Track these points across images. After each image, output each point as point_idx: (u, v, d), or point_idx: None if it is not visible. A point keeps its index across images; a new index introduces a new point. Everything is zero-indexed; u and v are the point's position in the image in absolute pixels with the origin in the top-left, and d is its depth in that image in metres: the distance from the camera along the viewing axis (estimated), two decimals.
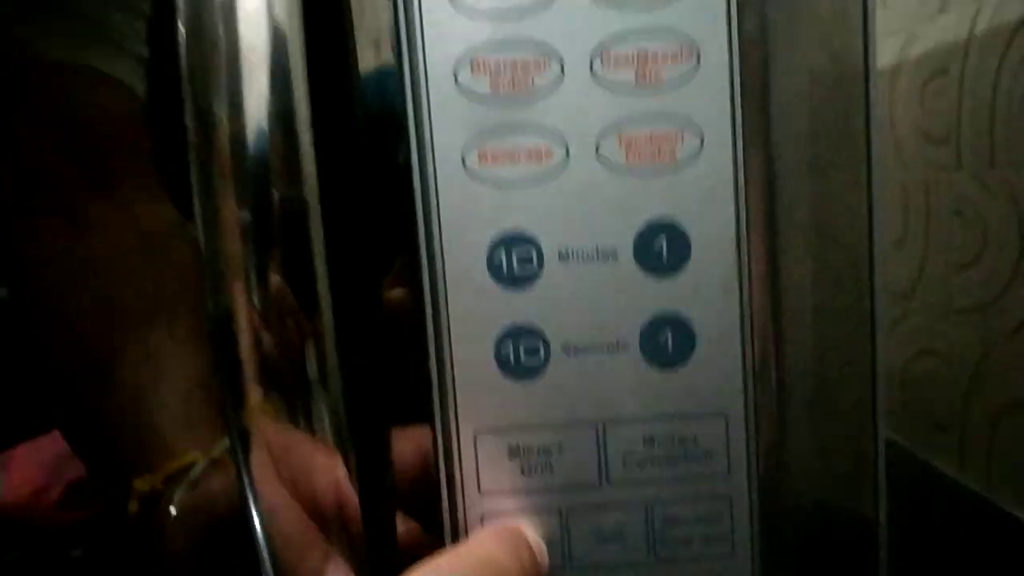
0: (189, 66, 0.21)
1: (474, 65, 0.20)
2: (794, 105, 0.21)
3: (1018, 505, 0.43)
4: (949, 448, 0.51)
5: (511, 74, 0.20)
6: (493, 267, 0.21)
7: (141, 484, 0.36)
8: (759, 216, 0.21)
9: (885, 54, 0.56)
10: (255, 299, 0.21)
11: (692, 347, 0.21)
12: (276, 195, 0.20)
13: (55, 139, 0.51)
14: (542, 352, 0.21)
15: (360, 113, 0.21)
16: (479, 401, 0.21)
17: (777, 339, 0.22)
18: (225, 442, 0.38)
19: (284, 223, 0.20)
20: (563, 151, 0.21)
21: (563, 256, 0.21)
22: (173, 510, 0.34)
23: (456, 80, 0.20)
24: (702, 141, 0.21)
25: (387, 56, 0.20)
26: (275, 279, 0.20)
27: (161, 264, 0.50)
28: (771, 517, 0.22)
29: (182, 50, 0.21)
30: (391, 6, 0.20)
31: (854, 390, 0.22)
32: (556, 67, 0.20)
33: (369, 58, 0.21)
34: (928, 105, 0.50)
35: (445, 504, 0.21)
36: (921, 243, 0.53)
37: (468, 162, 0.21)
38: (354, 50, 0.21)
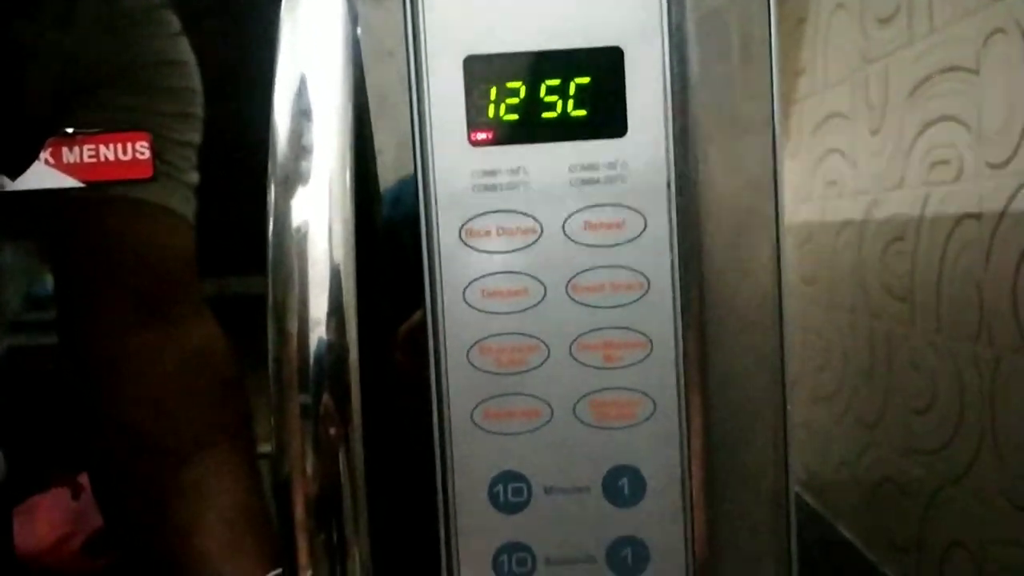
0: (274, 290, 0.27)
1: (482, 349, 0.27)
2: (728, 379, 0.27)
3: None
4: (908, 569, 0.56)
5: (510, 355, 0.27)
6: (493, 497, 0.27)
7: None
8: (699, 462, 0.27)
9: (856, 208, 0.63)
10: (308, 467, 0.26)
11: (647, 562, 0.28)
12: (329, 386, 0.26)
13: (113, 270, 0.58)
14: (530, 564, 0.27)
15: (394, 378, 0.28)
16: None
17: (714, 553, 0.28)
18: (271, 574, 0.44)
19: (336, 411, 0.26)
20: (548, 412, 0.27)
21: (548, 491, 0.27)
22: None
23: (468, 358, 0.27)
24: (655, 406, 0.27)
25: (420, 340, 0.27)
26: (324, 452, 0.26)
27: (211, 383, 0.56)
28: None
29: (270, 276, 0.28)
30: (426, 305, 0.27)
31: None
32: (544, 350, 0.27)
33: (406, 339, 0.28)
34: (890, 265, 0.57)
35: None
36: (884, 382, 0.59)
37: (476, 418, 0.27)
38: (391, 327, 0.27)
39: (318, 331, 0.27)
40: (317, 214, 0.28)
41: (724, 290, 0.27)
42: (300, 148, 0.27)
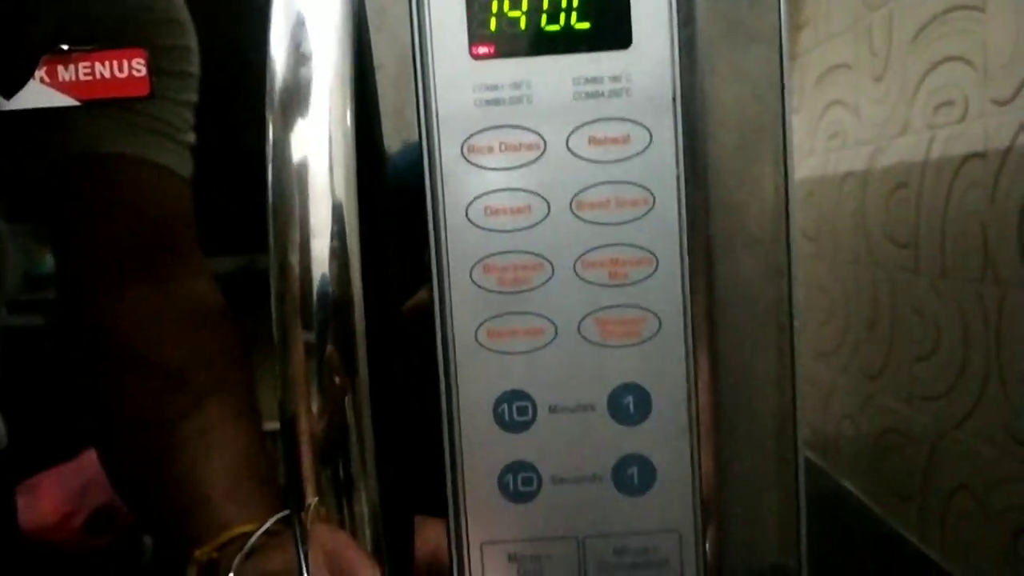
0: (274, 229, 0.27)
1: (486, 267, 0.27)
2: (733, 295, 0.27)
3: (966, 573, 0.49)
4: (911, 517, 0.56)
5: (513, 273, 0.27)
6: (498, 416, 0.27)
7: (201, 555, 0.43)
8: (705, 379, 0.27)
9: (859, 159, 0.62)
10: (313, 407, 0.26)
11: (653, 479, 0.27)
12: (333, 322, 0.26)
13: (114, 227, 0.57)
14: (535, 482, 0.27)
15: (398, 299, 0.27)
16: (485, 519, 0.27)
17: (721, 473, 0.28)
18: (274, 516, 0.44)
19: (338, 348, 0.26)
20: (553, 330, 0.27)
21: (552, 409, 0.27)
22: None
23: (471, 277, 0.27)
24: (660, 323, 0.27)
25: (423, 257, 0.27)
26: (329, 391, 0.26)
27: (211, 340, 0.56)
28: None
29: (270, 214, 0.27)
30: (428, 223, 0.27)
31: (784, 512, 0.28)
32: (548, 269, 0.27)
33: (408, 257, 0.27)
34: (893, 212, 0.57)
35: None
36: (888, 332, 0.59)
37: (480, 337, 0.27)
38: (392, 250, 0.27)
39: (321, 266, 0.27)
40: (317, 145, 0.27)
41: (730, 205, 0.27)
42: (298, 72, 0.27)
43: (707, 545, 0.28)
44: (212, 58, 0.64)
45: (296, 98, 0.27)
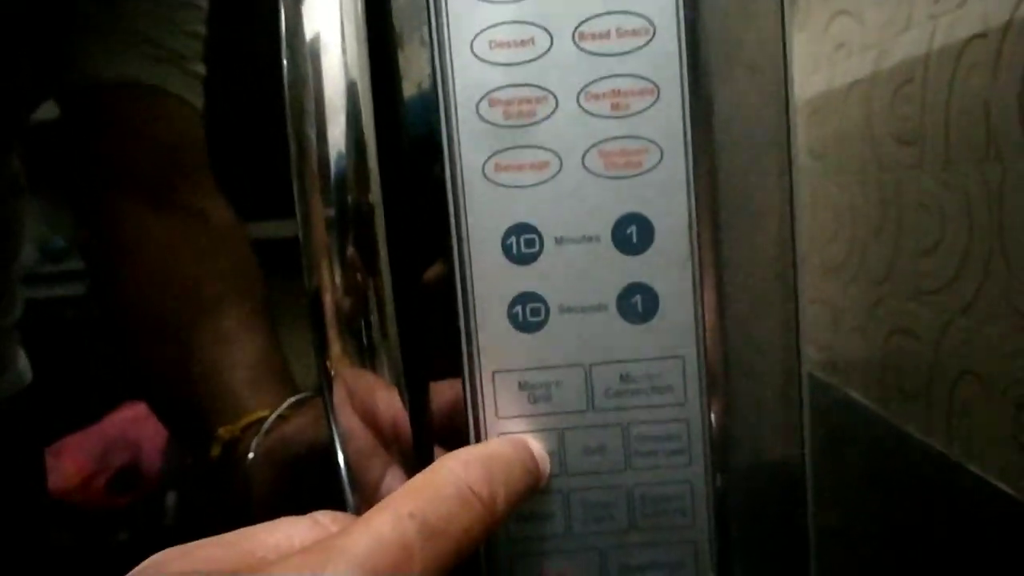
0: (291, 102, 0.28)
1: (491, 101, 0.28)
2: (733, 124, 0.28)
3: (973, 461, 0.50)
4: (917, 414, 0.57)
5: (518, 107, 0.28)
6: (506, 249, 0.28)
7: (224, 432, 0.44)
8: (706, 209, 0.28)
9: (864, 65, 0.62)
10: (336, 276, 0.28)
11: (656, 307, 0.28)
12: (351, 198, 0.28)
13: (134, 147, 0.59)
14: (543, 312, 0.28)
15: (408, 138, 0.28)
16: (496, 349, 0.28)
17: (721, 301, 0.29)
18: (287, 400, 0.46)
19: (357, 218, 0.28)
20: (558, 163, 0.28)
21: (559, 241, 0.28)
22: (251, 454, 0.42)
23: (478, 111, 0.28)
24: (662, 154, 0.28)
25: (428, 95, 0.28)
26: (350, 261, 0.28)
27: (226, 258, 0.58)
28: (718, 436, 0.29)
29: (286, 90, 0.29)
30: (430, 60, 0.27)
31: (783, 339, 0.29)
32: (552, 101, 0.28)
33: (414, 95, 0.28)
34: (898, 111, 0.57)
35: (471, 425, 0.29)
36: (894, 234, 0.60)
37: (487, 171, 0.28)
38: (402, 92, 0.28)
39: (338, 141, 0.28)
40: (328, 16, 0.28)
41: (728, 33, 0.28)
42: None
43: (710, 376, 0.29)
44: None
45: None
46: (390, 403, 0.28)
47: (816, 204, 0.76)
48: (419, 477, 0.24)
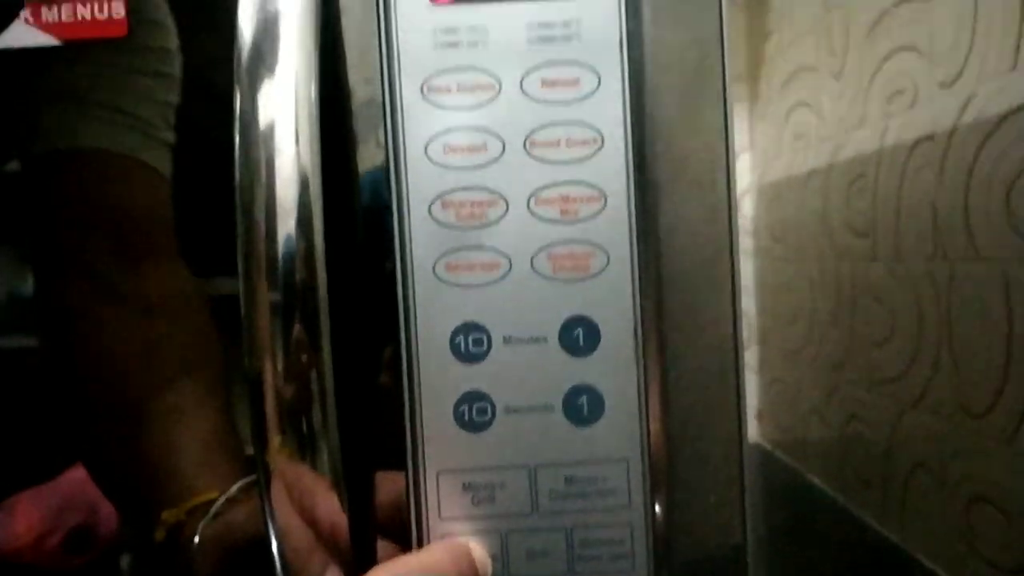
0: (241, 185, 0.28)
1: (444, 203, 0.28)
2: (678, 233, 0.29)
3: (927, 555, 0.50)
4: (874, 502, 0.58)
5: (470, 209, 0.28)
6: (454, 347, 0.28)
7: (168, 516, 0.43)
8: (651, 314, 0.29)
9: (821, 156, 0.64)
10: (278, 363, 0.28)
11: (602, 410, 0.29)
12: (297, 283, 0.28)
13: (91, 219, 0.59)
14: (490, 412, 0.28)
15: (360, 234, 0.29)
16: (441, 448, 0.28)
17: (666, 404, 0.29)
18: (238, 482, 0.45)
19: (302, 305, 0.28)
20: (507, 264, 0.28)
21: (507, 340, 0.28)
22: (196, 538, 0.41)
23: (431, 212, 0.28)
24: (608, 258, 0.28)
25: (383, 194, 0.28)
26: (293, 348, 0.28)
27: (182, 330, 0.57)
28: (662, 538, 0.29)
29: (237, 175, 0.29)
30: (385, 160, 0.28)
31: (726, 444, 0.29)
32: (503, 205, 0.28)
33: (369, 193, 0.29)
34: (853, 203, 0.59)
35: (413, 526, 0.28)
36: (849, 323, 0.61)
37: (438, 270, 0.28)
38: (357, 189, 0.29)
39: (287, 226, 0.28)
40: (283, 108, 0.29)
41: (675, 146, 0.28)
42: (264, 35, 0.29)
43: (655, 477, 0.29)
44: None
45: (263, 58, 0.29)
46: (329, 503, 0.28)
47: (777, 285, 0.78)
48: None
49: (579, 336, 0.28)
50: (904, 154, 0.51)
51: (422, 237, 0.28)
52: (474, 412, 0.28)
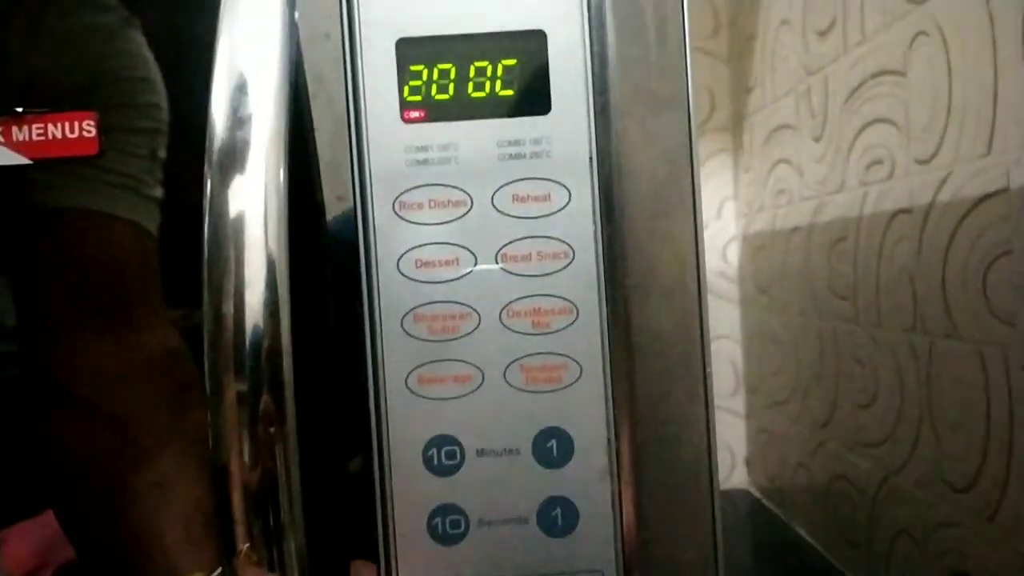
0: (209, 277, 0.28)
1: (416, 316, 0.28)
2: (650, 346, 0.29)
3: None
4: (859, 563, 0.57)
5: (442, 322, 0.28)
6: (427, 460, 0.28)
7: None
8: (625, 422, 0.29)
9: (803, 215, 0.65)
10: (244, 454, 0.28)
11: (576, 521, 0.29)
12: (263, 370, 0.27)
13: (76, 278, 0.58)
14: (463, 525, 0.28)
15: (333, 349, 0.29)
16: (414, 561, 0.28)
17: (640, 514, 0.29)
18: (219, 568, 0.45)
19: (269, 395, 0.27)
20: (480, 376, 0.28)
21: (480, 453, 0.28)
22: None
23: (402, 326, 0.28)
24: (581, 370, 0.28)
25: (354, 309, 0.28)
26: (260, 440, 0.27)
27: (167, 392, 0.57)
28: None
29: (205, 265, 0.29)
30: (361, 274, 0.28)
31: (701, 549, 0.29)
32: (475, 318, 0.28)
33: (340, 309, 0.29)
34: (834, 265, 0.59)
35: None
36: (833, 382, 0.61)
37: (410, 383, 0.28)
38: (330, 304, 0.29)
39: (253, 319, 0.28)
40: (252, 201, 0.29)
41: (645, 258, 0.29)
42: (237, 131, 0.29)
43: None
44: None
45: (233, 157, 0.29)
46: None
47: (763, 335, 0.78)
48: None
49: (553, 447, 0.29)
50: (883, 224, 0.51)
51: (395, 350, 0.28)
52: (447, 525, 0.28)
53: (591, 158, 0.28)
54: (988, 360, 0.41)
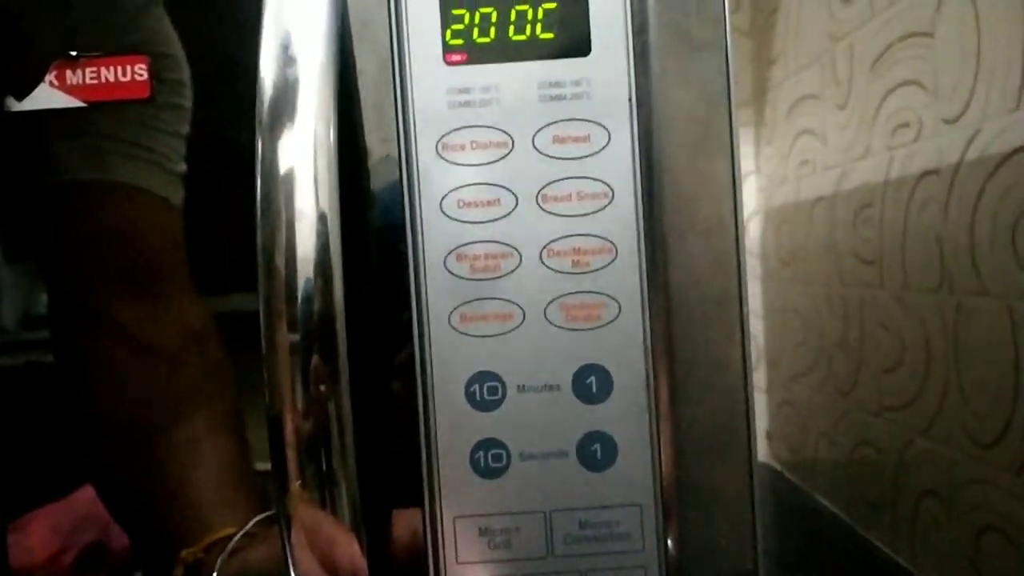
0: (262, 233, 0.29)
1: (458, 256, 0.29)
2: (688, 283, 0.29)
3: None
4: (883, 526, 0.58)
5: (484, 262, 0.29)
6: (470, 396, 0.29)
7: (187, 555, 0.44)
8: (663, 362, 0.29)
9: (827, 184, 0.65)
10: (298, 403, 0.29)
11: (615, 456, 0.29)
12: (316, 324, 0.28)
13: (108, 252, 0.59)
14: (505, 459, 0.29)
15: (378, 287, 0.29)
16: (458, 495, 0.29)
17: (678, 450, 0.30)
18: (256, 518, 0.46)
19: (321, 348, 0.28)
20: (521, 315, 0.29)
21: (521, 389, 0.29)
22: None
23: (446, 265, 0.29)
24: (620, 308, 0.29)
25: (399, 248, 0.29)
26: (312, 388, 0.28)
27: (195, 361, 0.58)
28: None
29: (259, 222, 0.29)
30: (402, 216, 0.29)
31: (737, 482, 0.30)
32: (516, 257, 0.29)
33: (387, 248, 0.29)
34: (859, 231, 0.59)
35: (431, 570, 0.29)
36: (857, 348, 0.61)
37: (453, 321, 0.29)
38: (375, 240, 0.29)
39: (306, 271, 0.29)
40: (303, 155, 0.30)
41: (683, 198, 0.29)
42: (285, 86, 0.29)
43: (667, 519, 0.30)
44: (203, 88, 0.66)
45: (284, 111, 0.30)
46: (348, 546, 0.29)
47: (785, 308, 0.78)
48: None
49: (592, 384, 0.29)
50: (909, 187, 0.51)
51: (437, 289, 0.29)
52: (490, 459, 0.29)
53: (630, 99, 0.29)
54: (1016, 315, 0.41)
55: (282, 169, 0.29)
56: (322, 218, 0.29)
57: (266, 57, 0.29)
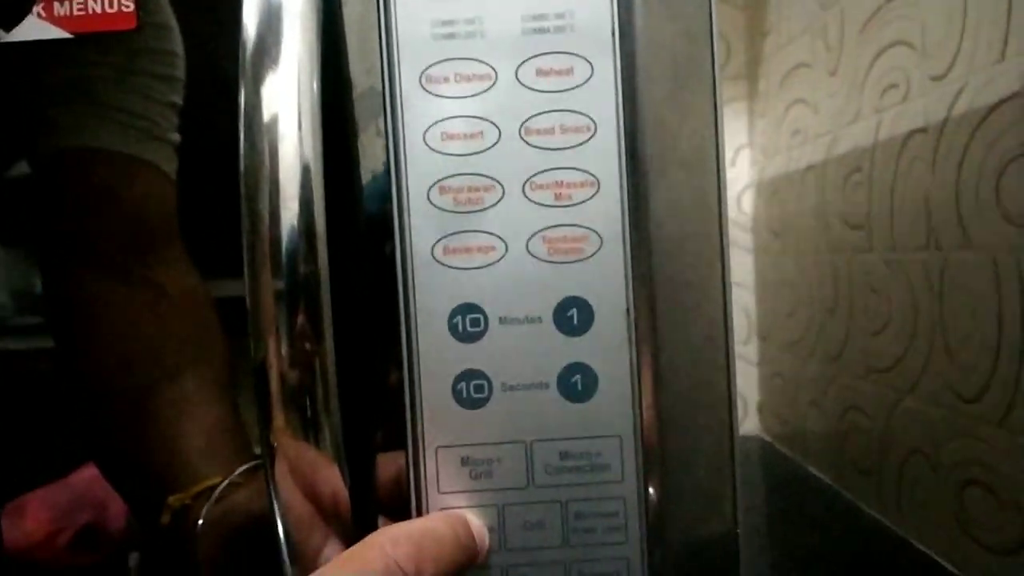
0: (246, 179, 0.29)
1: (441, 188, 0.29)
2: (669, 217, 0.30)
3: (921, 539, 0.51)
4: (870, 489, 0.58)
5: (467, 194, 0.29)
6: (452, 328, 0.29)
7: (174, 500, 0.44)
8: (644, 295, 0.30)
9: (818, 151, 0.65)
10: (282, 348, 0.29)
11: (595, 387, 0.30)
12: (300, 272, 0.29)
13: (102, 216, 0.60)
14: (487, 389, 0.29)
15: (361, 220, 0.30)
16: (440, 425, 0.29)
17: (658, 382, 0.30)
18: (240, 468, 0.46)
19: (304, 292, 0.29)
20: (503, 247, 0.29)
21: (503, 321, 0.29)
22: (200, 521, 0.42)
23: (428, 198, 0.29)
24: (602, 242, 0.29)
25: (382, 180, 0.29)
26: (297, 333, 0.29)
27: (187, 325, 0.58)
28: (654, 513, 0.30)
29: (242, 164, 0.30)
30: (385, 148, 0.29)
31: (717, 423, 0.30)
32: (499, 190, 0.29)
33: (369, 181, 0.30)
34: (849, 196, 0.60)
35: (413, 500, 0.29)
36: (846, 313, 0.61)
37: (436, 253, 0.29)
38: (359, 176, 0.30)
39: (290, 212, 0.29)
40: (286, 100, 0.30)
41: (665, 133, 0.29)
42: (267, 32, 0.30)
43: (648, 452, 0.30)
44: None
45: (266, 53, 0.30)
46: (331, 478, 0.29)
47: (777, 280, 0.79)
48: (350, 552, 0.24)
49: (573, 316, 0.29)
50: (897, 147, 0.51)
51: (421, 221, 0.29)
52: (472, 389, 0.29)
53: (613, 32, 0.29)
54: (1001, 266, 0.41)
55: (265, 111, 0.30)
56: (305, 159, 0.29)
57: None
